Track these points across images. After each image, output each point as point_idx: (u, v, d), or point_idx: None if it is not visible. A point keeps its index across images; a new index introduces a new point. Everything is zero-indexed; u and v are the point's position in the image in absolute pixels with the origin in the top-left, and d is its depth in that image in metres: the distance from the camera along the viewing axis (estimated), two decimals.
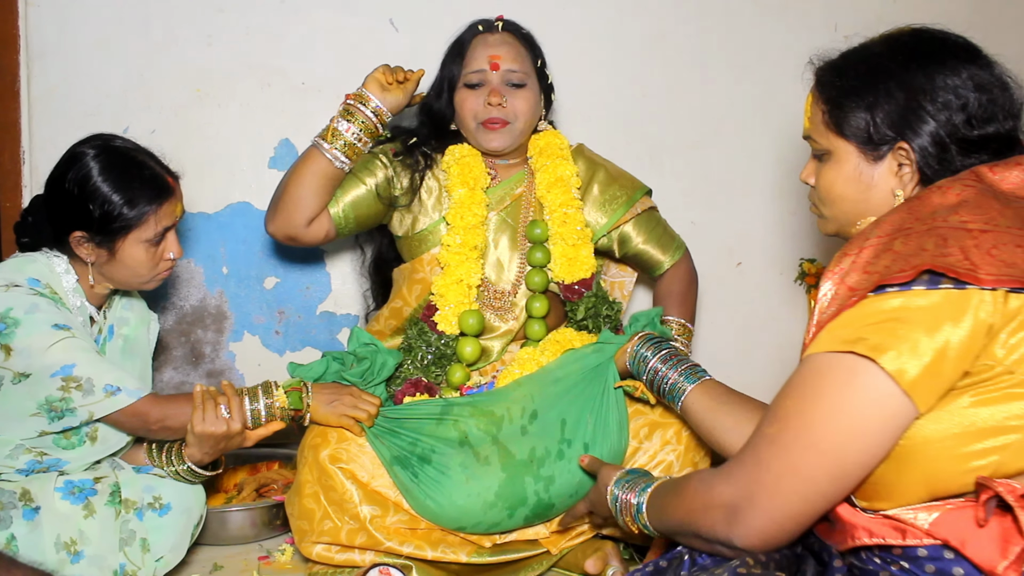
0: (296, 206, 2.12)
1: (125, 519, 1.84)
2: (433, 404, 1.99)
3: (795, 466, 1.19)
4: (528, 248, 2.22)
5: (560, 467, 1.93)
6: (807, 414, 1.19)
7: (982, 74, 1.30)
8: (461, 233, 2.14)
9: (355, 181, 2.17)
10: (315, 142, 2.11)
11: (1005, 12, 2.96)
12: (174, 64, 2.48)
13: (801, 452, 1.18)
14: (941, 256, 1.14)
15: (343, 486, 1.89)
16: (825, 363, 1.20)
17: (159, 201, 1.87)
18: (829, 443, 1.17)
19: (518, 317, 2.22)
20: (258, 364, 2.59)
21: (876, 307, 1.16)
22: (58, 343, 1.75)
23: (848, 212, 1.40)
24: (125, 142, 1.93)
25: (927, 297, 1.14)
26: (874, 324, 1.15)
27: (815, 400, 1.19)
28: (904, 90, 1.31)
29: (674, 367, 1.82)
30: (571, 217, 2.20)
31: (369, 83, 2.11)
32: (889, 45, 1.37)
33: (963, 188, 1.23)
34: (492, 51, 2.15)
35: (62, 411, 1.78)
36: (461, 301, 2.13)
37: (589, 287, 2.20)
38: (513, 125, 2.17)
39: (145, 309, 2.13)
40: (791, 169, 2.88)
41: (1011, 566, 1.10)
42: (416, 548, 1.89)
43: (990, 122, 1.29)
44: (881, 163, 1.34)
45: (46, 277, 1.85)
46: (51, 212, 1.89)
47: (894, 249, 1.18)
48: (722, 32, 2.80)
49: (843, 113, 1.36)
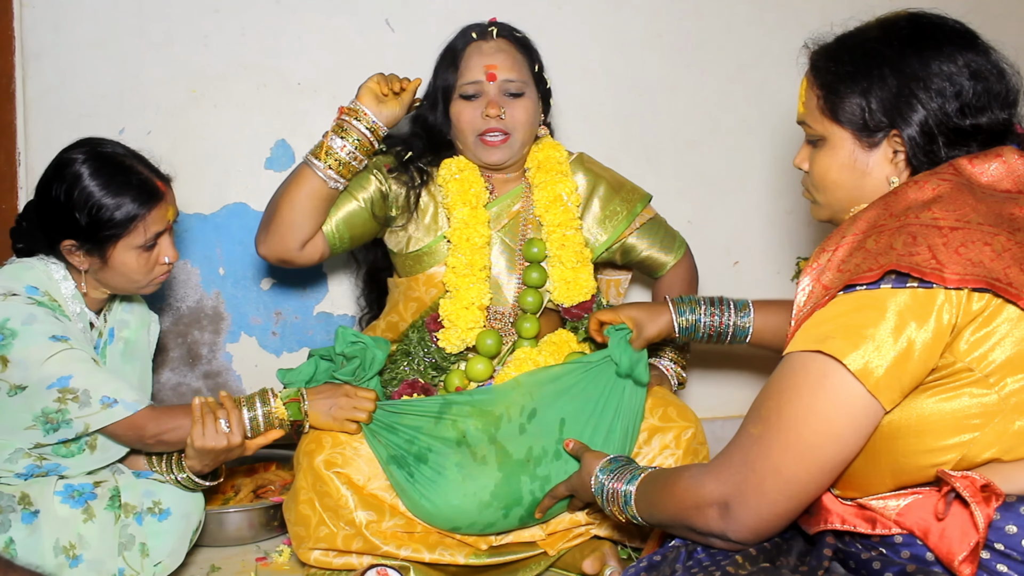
0: (289, 229, 2.04)
1: (124, 523, 1.83)
2: (432, 402, 1.98)
3: (777, 467, 1.23)
4: (525, 268, 2.18)
5: (556, 467, 1.92)
6: (785, 416, 1.23)
7: (979, 60, 1.28)
8: (467, 254, 2.09)
9: (348, 198, 2.10)
10: (307, 160, 2.02)
11: (1002, 5, 2.97)
12: (170, 65, 2.47)
13: (781, 453, 1.23)
14: (908, 255, 1.15)
15: (338, 492, 1.89)
16: (799, 363, 1.23)
17: (148, 207, 1.84)
18: (806, 444, 1.21)
19: (513, 336, 2.19)
20: (255, 365, 2.59)
21: (844, 306, 1.19)
22: (55, 355, 1.74)
23: (842, 199, 1.39)
24: (114, 147, 1.89)
25: (894, 297, 1.15)
26: (842, 324, 1.18)
27: (791, 402, 1.23)
28: (897, 76, 1.29)
29: (725, 312, 1.94)
30: (570, 240, 2.14)
31: (363, 95, 2.02)
32: (885, 29, 1.35)
33: (939, 183, 1.23)
34: (488, 60, 2.08)
35: (58, 423, 1.76)
36: (471, 328, 2.09)
37: (589, 309, 2.15)
38: (513, 137, 2.10)
39: (146, 310, 2.12)
40: (788, 168, 2.88)
41: (967, 559, 1.13)
42: (414, 551, 1.89)
43: (984, 111, 1.28)
44: (876, 150, 1.33)
45: (44, 284, 1.83)
46: (41, 219, 1.86)
47: (866, 247, 1.20)
48: (719, 31, 2.80)
49: (838, 99, 1.34)
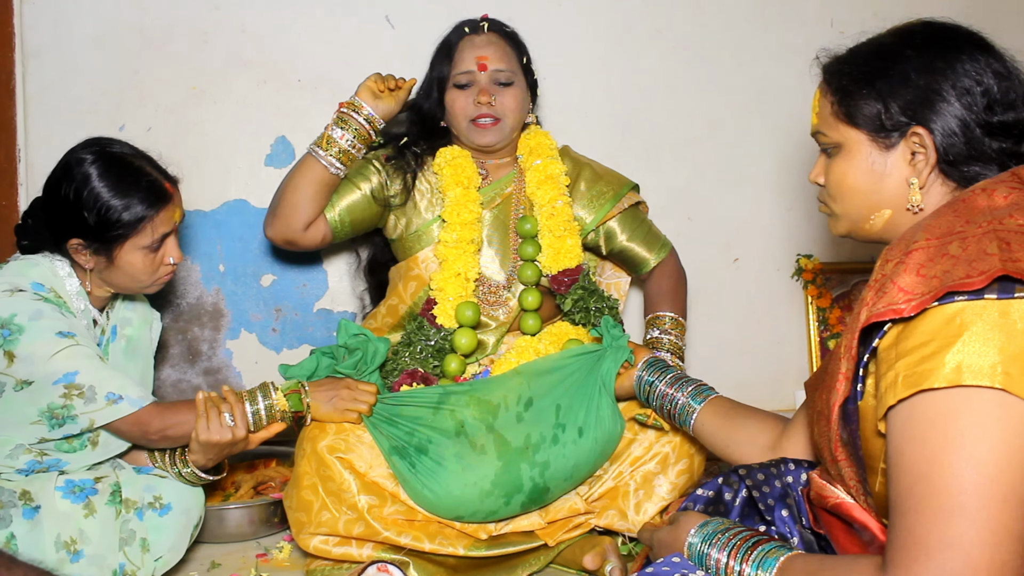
0: (294, 211, 2.19)
1: (125, 519, 1.84)
2: (430, 392, 2.00)
3: (993, 535, 1.02)
4: (519, 243, 2.28)
5: (555, 452, 1.95)
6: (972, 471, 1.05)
7: (998, 63, 1.28)
8: (458, 229, 2.20)
9: (350, 186, 2.25)
10: (311, 149, 2.19)
11: (1000, 7, 2.97)
12: (170, 61, 2.47)
13: (998, 514, 1.03)
14: (1012, 261, 1.06)
15: (341, 476, 1.90)
16: (957, 405, 1.06)
17: (156, 208, 1.85)
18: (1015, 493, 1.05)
19: (511, 311, 2.27)
20: (255, 362, 2.59)
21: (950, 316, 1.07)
22: (62, 351, 1.75)
23: (860, 206, 1.35)
24: (122, 147, 1.90)
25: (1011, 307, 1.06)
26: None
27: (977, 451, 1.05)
28: (923, 74, 1.27)
29: (680, 389, 1.83)
30: (559, 211, 2.25)
31: (361, 91, 2.19)
32: (900, 36, 1.34)
33: (1009, 190, 1.18)
34: (479, 52, 2.23)
35: (63, 418, 1.77)
36: (459, 294, 2.18)
37: (575, 278, 2.24)
38: (503, 122, 2.24)
39: (148, 308, 2.12)
40: (788, 165, 2.89)
41: None
42: (414, 539, 1.90)
43: (1012, 108, 1.26)
44: (894, 151, 1.30)
45: (50, 281, 1.84)
46: (49, 218, 1.87)
47: (950, 253, 1.10)
48: (719, 27, 2.81)
49: (853, 101, 1.32)
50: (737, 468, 1.48)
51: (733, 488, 1.48)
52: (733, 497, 1.47)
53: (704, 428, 1.77)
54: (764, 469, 1.48)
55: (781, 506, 1.43)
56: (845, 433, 1.23)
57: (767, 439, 1.65)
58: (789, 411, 2.85)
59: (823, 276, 2.93)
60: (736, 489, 1.47)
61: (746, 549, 1.26)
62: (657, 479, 2.02)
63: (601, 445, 1.98)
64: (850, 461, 1.25)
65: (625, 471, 2.04)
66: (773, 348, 2.94)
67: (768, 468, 1.49)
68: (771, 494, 1.45)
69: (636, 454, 2.03)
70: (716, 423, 1.75)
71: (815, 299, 2.93)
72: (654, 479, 2.02)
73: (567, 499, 2.02)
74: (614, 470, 2.04)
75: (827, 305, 2.94)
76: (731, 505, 1.46)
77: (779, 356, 2.95)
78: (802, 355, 2.95)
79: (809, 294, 2.94)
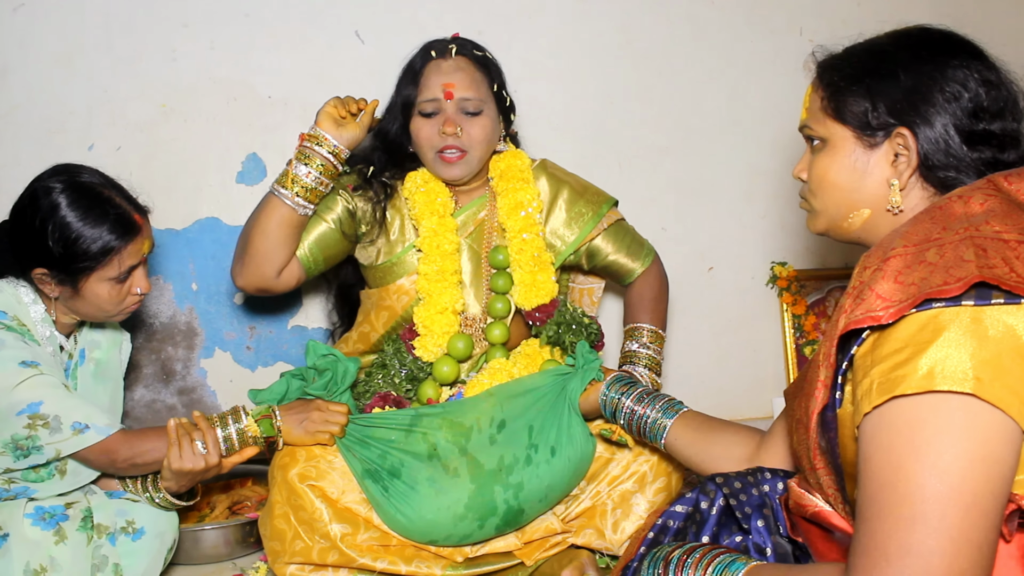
0: (264, 258, 2.08)
1: (97, 544, 1.81)
2: (403, 414, 1.98)
3: (956, 540, 1.04)
4: (492, 274, 2.21)
5: (528, 472, 1.93)
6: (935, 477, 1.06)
7: (989, 72, 1.29)
8: (438, 261, 2.12)
9: (317, 220, 2.14)
10: (274, 190, 2.06)
11: (973, 17, 3.00)
12: (139, 79, 2.45)
13: (960, 522, 1.05)
14: (988, 267, 1.07)
15: (312, 505, 1.88)
16: (926, 410, 1.07)
17: (125, 241, 1.83)
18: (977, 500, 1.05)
19: (486, 346, 2.21)
20: (230, 380, 2.57)
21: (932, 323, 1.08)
22: (25, 381, 1.72)
23: (839, 203, 1.36)
24: (92, 175, 1.87)
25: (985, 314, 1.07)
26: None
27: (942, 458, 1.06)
28: (913, 77, 1.28)
29: (650, 405, 1.83)
30: (528, 243, 2.16)
31: (322, 119, 2.06)
32: (896, 39, 1.36)
33: (985, 197, 1.18)
34: (445, 79, 2.10)
35: (28, 449, 1.74)
36: (445, 331, 2.12)
37: (551, 313, 2.18)
38: (470, 155, 2.12)
39: (117, 330, 2.10)
40: (760, 172, 2.90)
41: None
42: (390, 564, 1.88)
43: (998, 117, 1.27)
44: (877, 150, 1.31)
45: (13, 308, 1.82)
46: (14, 246, 1.84)
47: (927, 260, 1.11)
48: (689, 37, 2.82)
49: (843, 97, 1.33)
50: (714, 476, 1.49)
51: (710, 497, 1.47)
52: (709, 506, 1.47)
53: (677, 443, 1.76)
54: (741, 478, 1.48)
55: (757, 516, 1.43)
56: (824, 441, 1.23)
57: (743, 452, 1.66)
58: (767, 419, 2.86)
59: (798, 283, 2.95)
60: (712, 498, 1.47)
61: (705, 562, 1.29)
62: (635, 498, 2.01)
63: (574, 464, 1.97)
64: (828, 469, 1.25)
65: (603, 490, 2.02)
66: (749, 356, 2.95)
67: (745, 477, 1.49)
68: (748, 502, 1.45)
69: (614, 473, 2.01)
70: (689, 437, 1.75)
71: (790, 306, 2.95)
72: (631, 498, 2.01)
73: (543, 519, 2.00)
74: (591, 490, 2.03)
75: (802, 312, 2.96)
76: (707, 514, 1.46)
77: (756, 363, 2.96)
78: (778, 362, 2.96)
79: (784, 301, 2.95)
